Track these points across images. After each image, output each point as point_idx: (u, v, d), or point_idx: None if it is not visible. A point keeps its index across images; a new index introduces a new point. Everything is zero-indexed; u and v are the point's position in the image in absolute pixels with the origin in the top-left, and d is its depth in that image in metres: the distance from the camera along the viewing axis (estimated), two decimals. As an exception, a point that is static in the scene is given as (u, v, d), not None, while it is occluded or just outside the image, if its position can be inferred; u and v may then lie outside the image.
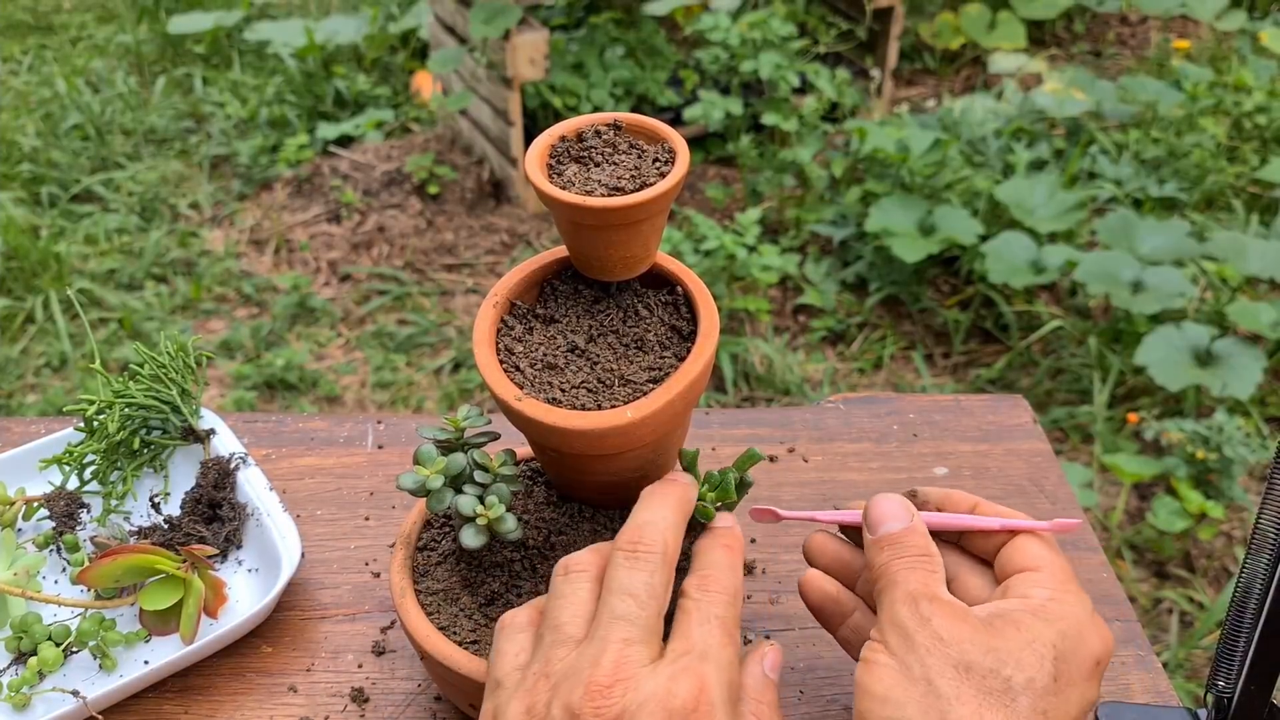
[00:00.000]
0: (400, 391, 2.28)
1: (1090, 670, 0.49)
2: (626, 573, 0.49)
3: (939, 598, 0.50)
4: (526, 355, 0.58)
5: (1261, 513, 0.53)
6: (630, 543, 0.50)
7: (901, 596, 0.50)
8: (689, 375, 0.55)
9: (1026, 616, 0.49)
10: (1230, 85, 2.93)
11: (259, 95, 3.26)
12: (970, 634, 0.48)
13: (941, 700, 0.46)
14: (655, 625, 0.48)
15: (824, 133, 2.83)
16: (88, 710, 0.61)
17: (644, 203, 0.52)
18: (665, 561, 0.50)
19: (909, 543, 0.53)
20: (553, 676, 0.46)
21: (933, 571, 0.52)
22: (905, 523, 0.54)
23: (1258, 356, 2.07)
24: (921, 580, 0.51)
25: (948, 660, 0.47)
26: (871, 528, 0.55)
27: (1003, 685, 0.46)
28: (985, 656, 0.47)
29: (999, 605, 0.51)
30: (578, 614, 0.49)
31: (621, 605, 0.48)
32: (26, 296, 2.51)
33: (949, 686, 0.46)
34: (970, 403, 0.87)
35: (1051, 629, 0.49)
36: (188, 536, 0.69)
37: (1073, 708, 0.48)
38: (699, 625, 0.49)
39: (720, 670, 0.47)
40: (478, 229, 2.77)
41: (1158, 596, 1.83)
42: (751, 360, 2.29)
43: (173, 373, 0.75)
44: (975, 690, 0.46)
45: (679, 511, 0.53)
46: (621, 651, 0.46)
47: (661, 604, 0.49)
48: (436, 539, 0.63)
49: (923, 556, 0.52)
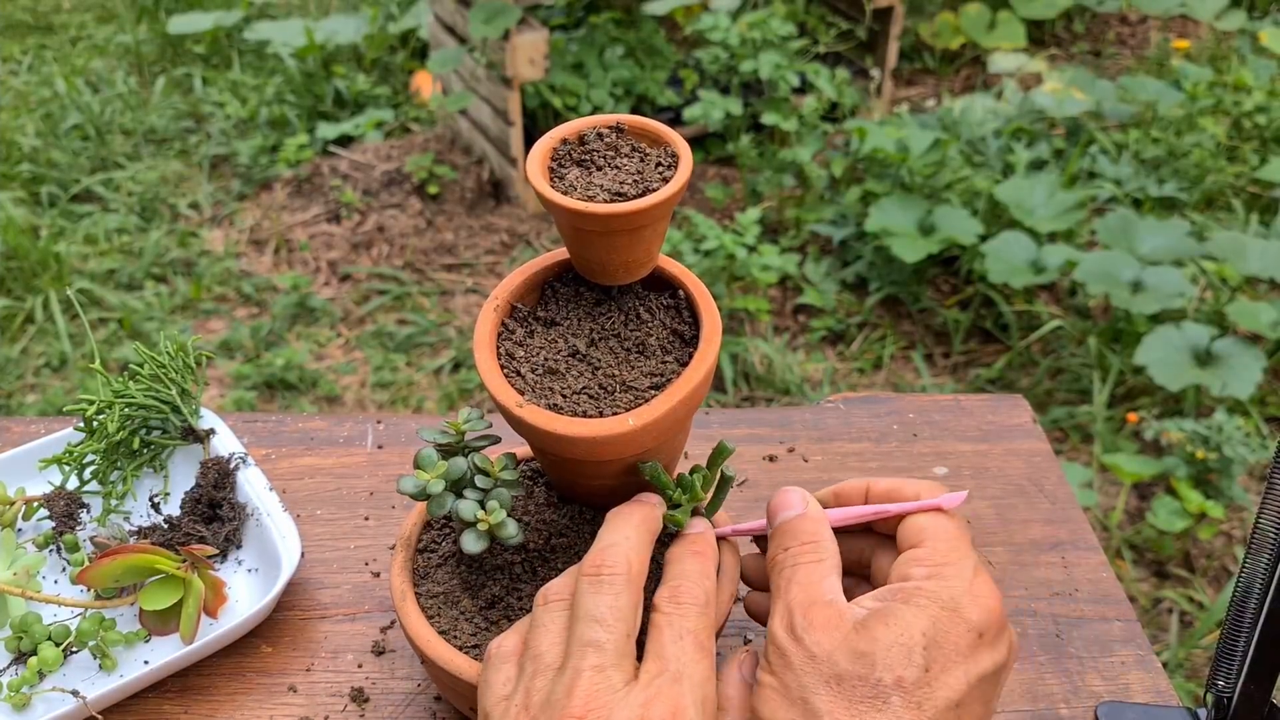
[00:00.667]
0: (400, 391, 2.28)
1: (971, 644, 0.48)
2: (592, 598, 0.49)
3: (815, 604, 0.50)
4: (527, 360, 0.57)
5: (1261, 512, 0.53)
6: (594, 566, 0.50)
7: (779, 612, 0.50)
8: (691, 382, 0.54)
9: (898, 607, 0.49)
10: (1230, 85, 2.93)
11: (259, 95, 3.25)
12: (841, 643, 0.48)
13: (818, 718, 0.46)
14: (625, 647, 0.48)
15: (824, 133, 2.83)
16: (87, 710, 0.61)
17: (646, 209, 0.52)
18: (630, 582, 0.50)
19: (799, 529, 0.54)
20: (532, 709, 0.47)
21: (819, 561, 0.52)
22: (800, 509, 0.55)
23: (1257, 356, 2.07)
24: (801, 588, 0.51)
25: (820, 676, 0.47)
26: (771, 520, 0.56)
27: (873, 690, 0.46)
28: (855, 664, 0.47)
29: (879, 595, 0.51)
30: (555, 642, 0.50)
31: (589, 632, 0.48)
32: (26, 296, 2.51)
33: (823, 703, 0.46)
34: (970, 402, 0.87)
35: (923, 615, 0.48)
36: (187, 536, 0.69)
37: (953, 689, 0.47)
38: (672, 642, 0.49)
39: (695, 688, 0.47)
40: (477, 229, 2.77)
41: (1157, 596, 1.83)
42: (751, 360, 2.29)
43: (172, 373, 0.75)
44: (847, 701, 0.46)
45: (643, 531, 0.53)
46: (593, 680, 0.46)
47: (629, 625, 0.49)
48: (437, 541, 0.63)
49: (810, 544, 0.53)
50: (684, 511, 0.57)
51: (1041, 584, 0.72)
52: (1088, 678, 0.67)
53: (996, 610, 0.50)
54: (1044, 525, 0.77)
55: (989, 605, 0.50)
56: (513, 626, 0.54)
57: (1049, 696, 0.65)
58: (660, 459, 0.58)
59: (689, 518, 0.57)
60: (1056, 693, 0.66)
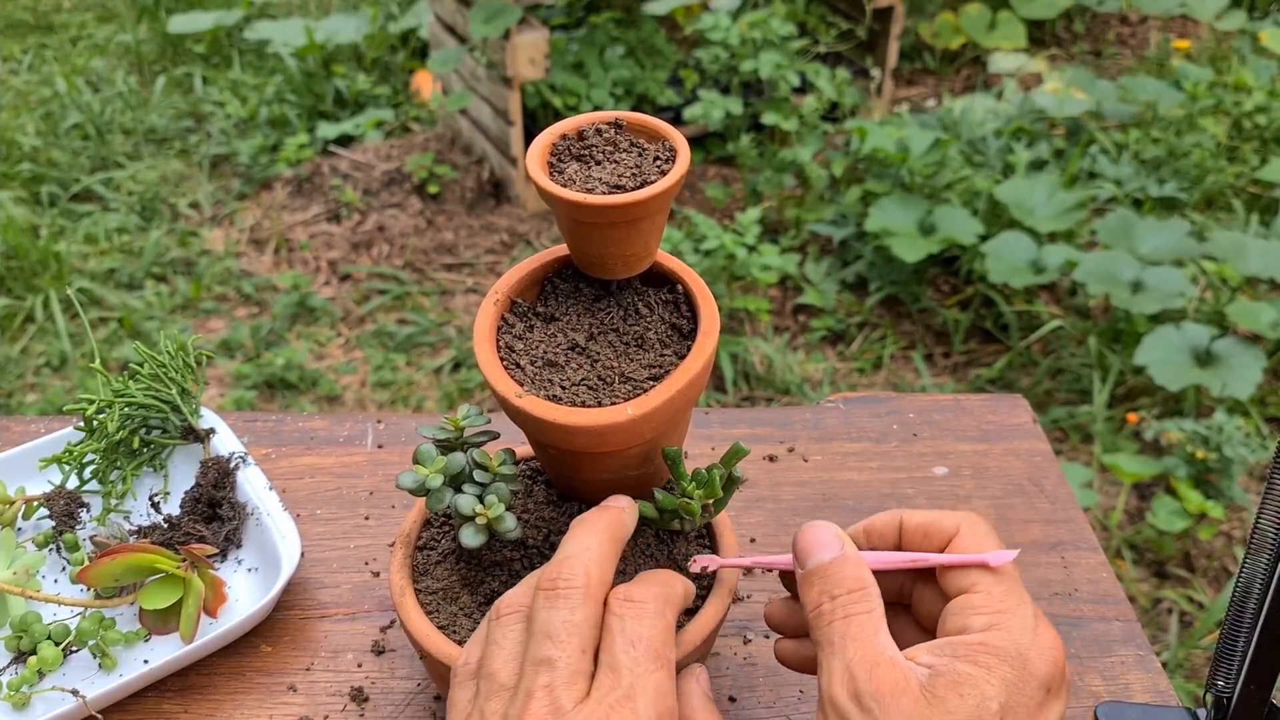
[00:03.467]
0: (400, 391, 2.28)
1: (1040, 702, 0.47)
2: (546, 613, 0.48)
3: (878, 665, 0.47)
4: (527, 353, 0.58)
5: (1261, 512, 0.53)
6: (550, 580, 0.49)
7: (837, 672, 0.47)
8: (689, 373, 0.55)
9: (966, 670, 0.46)
10: (1230, 85, 2.93)
11: (259, 95, 3.25)
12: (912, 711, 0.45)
13: None
14: (579, 664, 0.46)
15: (824, 132, 2.83)
16: (87, 709, 0.61)
17: (644, 200, 0.52)
18: (588, 596, 0.48)
19: (841, 575, 0.50)
20: None
21: (869, 612, 0.49)
22: (836, 552, 0.51)
23: (1257, 356, 2.07)
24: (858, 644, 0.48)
25: None
26: (801, 561, 0.52)
27: None
28: None
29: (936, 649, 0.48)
30: (509, 660, 0.48)
31: (542, 649, 0.46)
32: (26, 296, 2.51)
33: None
34: (970, 402, 0.87)
35: (994, 679, 0.46)
36: (187, 536, 0.69)
37: None
38: (624, 651, 0.47)
39: (650, 703, 0.45)
40: (477, 228, 2.77)
41: (1157, 596, 1.83)
42: (751, 360, 2.29)
43: (172, 372, 0.75)
44: None
45: (607, 539, 0.51)
46: (544, 701, 0.45)
47: (585, 640, 0.47)
48: (436, 538, 0.63)
49: (858, 592, 0.49)
50: (698, 502, 0.57)
51: (1041, 584, 0.72)
52: (1087, 677, 0.67)
53: (1061, 662, 0.48)
54: (1044, 525, 0.77)
55: (1055, 658, 0.48)
56: (473, 637, 0.52)
57: (1049, 696, 0.65)
58: (659, 451, 0.58)
59: (699, 513, 0.57)
60: (1056, 692, 0.66)
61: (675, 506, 0.57)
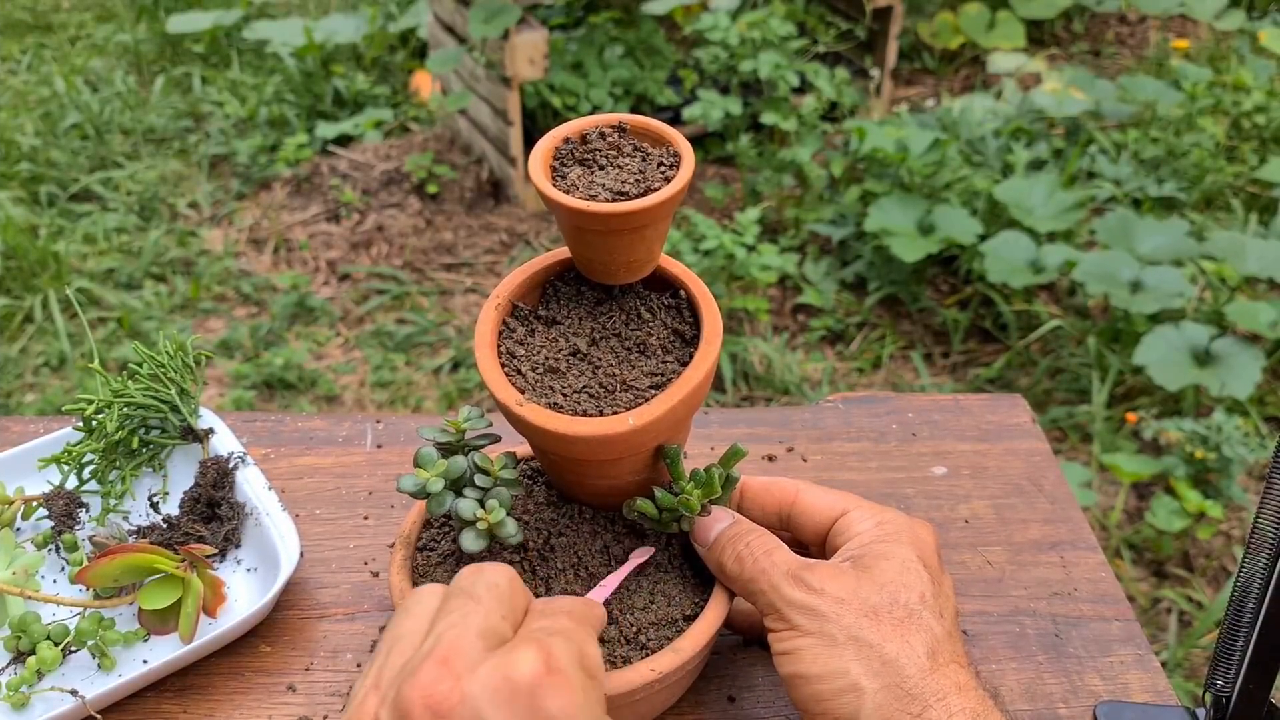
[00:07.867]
0: (399, 391, 2.28)
1: (940, 563, 0.57)
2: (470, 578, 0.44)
3: (807, 566, 0.54)
4: (528, 358, 0.57)
5: (1260, 512, 0.53)
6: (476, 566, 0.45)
7: (780, 580, 0.54)
8: (691, 382, 0.54)
9: (880, 545, 0.55)
10: (1229, 85, 2.93)
11: (258, 94, 3.25)
12: (857, 582, 0.53)
13: (873, 648, 0.51)
14: (497, 624, 0.42)
15: (823, 132, 2.82)
16: (86, 709, 0.61)
17: (648, 208, 0.52)
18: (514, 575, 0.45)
19: (742, 530, 0.57)
20: (382, 685, 0.41)
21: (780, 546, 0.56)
22: (729, 520, 0.58)
23: (1256, 356, 2.07)
24: (785, 555, 0.55)
25: (858, 614, 0.52)
26: (704, 540, 0.58)
27: (905, 611, 0.52)
28: (880, 594, 0.53)
29: (847, 552, 0.56)
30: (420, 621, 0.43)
31: (459, 602, 0.42)
32: (25, 296, 2.50)
33: (871, 633, 0.51)
34: (969, 402, 0.87)
35: (903, 544, 0.55)
36: (186, 536, 0.69)
37: (949, 595, 0.55)
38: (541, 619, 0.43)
39: (570, 643, 0.41)
40: (477, 228, 2.77)
41: (1156, 596, 1.83)
42: (750, 360, 2.29)
43: (171, 372, 0.75)
44: (889, 626, 0.51)
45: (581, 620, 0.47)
46: (455, 642, 0.40)
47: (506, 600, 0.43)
48: (436, 539, 0.63)
49: (761, 534, 0.57)
50: (697, 499, 0.57)
51: (1040, 584, 0.72)
52: (1087, 677, 0.67)
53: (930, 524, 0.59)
54: (1043, 525, 0.77)
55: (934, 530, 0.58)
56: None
57: (1048, 696, 0.65)
58: (660, 459, 0.58)
59: (699, 510, 0.58)
60: (1055, 692, 0.66)
61: (674, 505, 0.57)
